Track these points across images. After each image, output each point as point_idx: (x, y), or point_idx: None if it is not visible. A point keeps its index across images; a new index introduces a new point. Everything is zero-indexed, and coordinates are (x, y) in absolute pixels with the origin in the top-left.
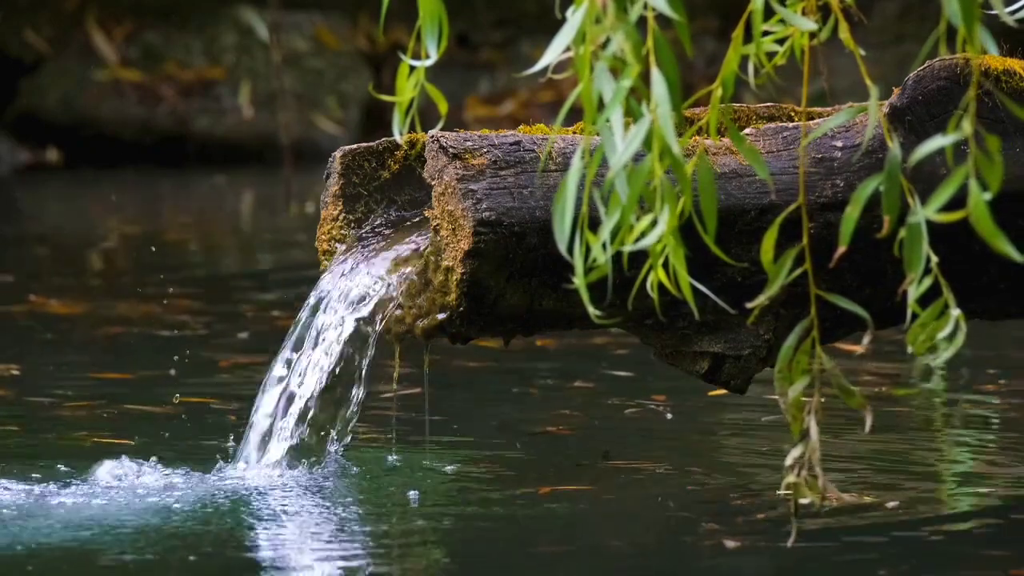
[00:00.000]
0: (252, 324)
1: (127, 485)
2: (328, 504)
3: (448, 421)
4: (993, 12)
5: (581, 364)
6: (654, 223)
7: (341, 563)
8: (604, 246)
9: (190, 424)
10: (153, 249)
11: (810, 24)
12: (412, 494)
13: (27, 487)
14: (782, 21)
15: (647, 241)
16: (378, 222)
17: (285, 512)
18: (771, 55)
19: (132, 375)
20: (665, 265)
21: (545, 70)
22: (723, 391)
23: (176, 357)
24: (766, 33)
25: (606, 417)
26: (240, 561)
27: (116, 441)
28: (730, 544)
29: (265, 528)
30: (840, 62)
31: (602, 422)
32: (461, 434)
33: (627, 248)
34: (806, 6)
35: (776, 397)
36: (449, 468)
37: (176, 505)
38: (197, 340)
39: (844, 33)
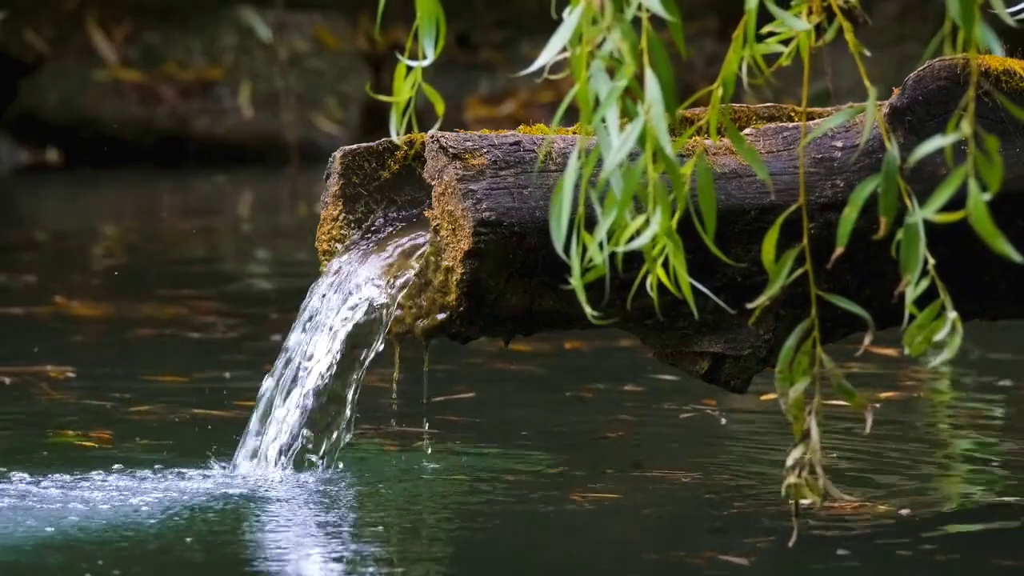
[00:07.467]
0: (281, 327)
1: (126, 487)
2: (335, 505)
3: (510, 427)
4: (994, 12)
5: (626, 368)
6: (647, 223)
7: (343, 564)
8: (600, 246)
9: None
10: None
11: (804, 24)
12: None
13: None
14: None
15: (640, 241)
16: (378, 222)
17: (291, 514)
18: (776, 56)
19: (187, 378)
20: (665, 265)
21: (542, 70)
22: (774, 395)
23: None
24: (771, 34)
25: (661, 422)
26: (242, 561)
27: (190, 445)
28: (737, 561)
29: (269, 529)
30: (841, 63)
31: (657, 427)
32: (519, 439)
33: (622, 248)
34: (811, 6)
35: (837, 403)
36: (485, 473)
37: (176, 506)
38: (232, 343)
39: (849, 34)
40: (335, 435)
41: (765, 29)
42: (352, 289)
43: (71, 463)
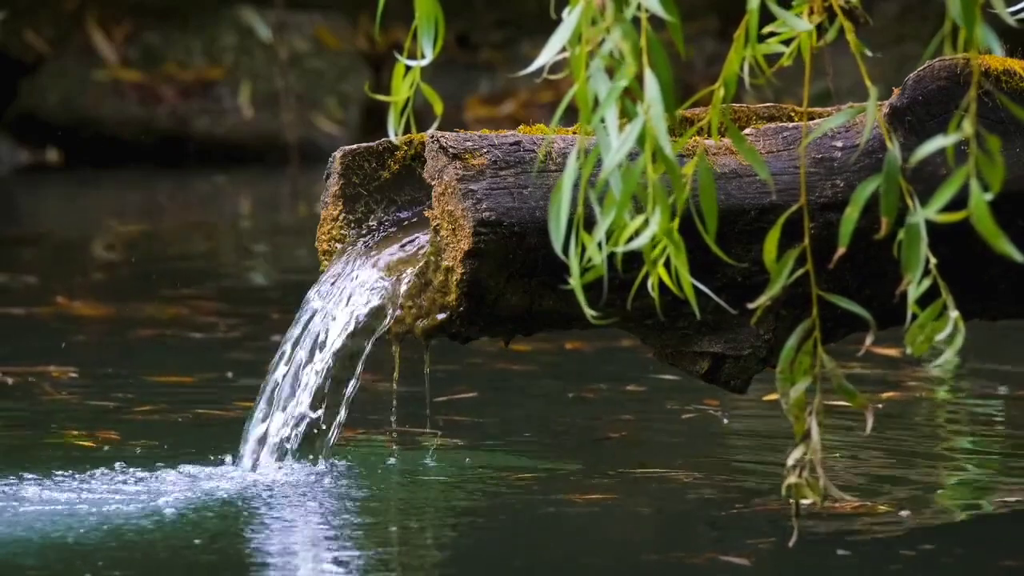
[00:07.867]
0: (282, 327)
1: (126, 486)
2: (336, 505)
3: (511, 427)
4: (994, 12)
5: (628, 368)
6: (646, 223)
7: (344, 564)
8: (599, 246)
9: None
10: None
11: (806, 24)
12: None
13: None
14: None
15: (639, 241)
16: (378, 222)
17: (293, 514)
18: (777, 56)
19: (191, 378)
20: (666, 265)
21: (542, 70)
22: (775, 395)
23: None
24: (772, 34)
25: (662, 422)
26: (246, 564)
27: (193, 445)
28: (737, 561)
29: (271, 529)
30: (841, 63)
31: (658, 427)
32: (520, 439)
33: (621, 249)
34: (813, 6)
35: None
36: (486, 473)
37: (177, 506)
38: (234, 342)
39: (850, 34)
40: (334, 434)
41: (766, 29)
42: (351, 289)
43: (74, 463)
